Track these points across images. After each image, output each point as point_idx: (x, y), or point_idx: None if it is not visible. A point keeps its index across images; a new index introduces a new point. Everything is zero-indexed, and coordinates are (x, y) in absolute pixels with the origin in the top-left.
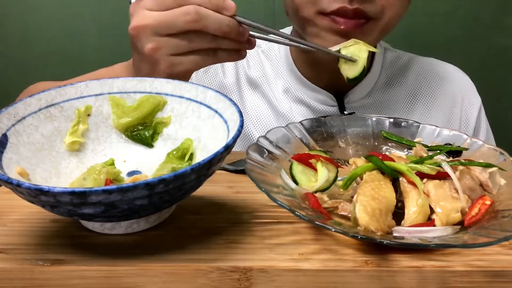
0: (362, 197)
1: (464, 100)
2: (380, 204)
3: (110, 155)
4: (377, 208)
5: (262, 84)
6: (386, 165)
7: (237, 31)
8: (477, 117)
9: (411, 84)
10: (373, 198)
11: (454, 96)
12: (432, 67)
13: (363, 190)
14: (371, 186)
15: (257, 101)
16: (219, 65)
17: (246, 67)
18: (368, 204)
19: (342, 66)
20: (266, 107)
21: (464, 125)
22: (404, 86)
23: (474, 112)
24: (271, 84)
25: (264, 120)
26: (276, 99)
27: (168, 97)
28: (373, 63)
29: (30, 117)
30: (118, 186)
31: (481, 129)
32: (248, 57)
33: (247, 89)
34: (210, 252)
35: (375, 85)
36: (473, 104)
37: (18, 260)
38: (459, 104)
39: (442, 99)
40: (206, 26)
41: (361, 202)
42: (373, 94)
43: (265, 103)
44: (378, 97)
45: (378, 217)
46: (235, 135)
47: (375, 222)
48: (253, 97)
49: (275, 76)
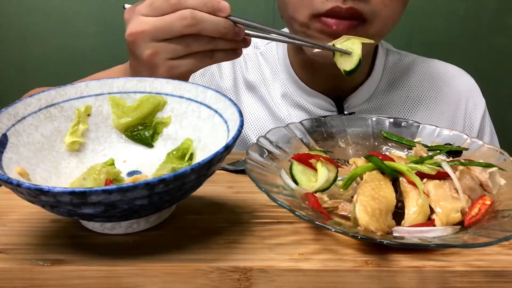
0: (362, 197)
1: (468, 103)
2: (380, 204)
3: (110, 155)
4: (377, 208)
5: (260, 88)
6: (386, 165)
7: (233, 31)
8: (481, 120)
9: (413, 87)
10: (373, 198)
11: (458, 100)
12: (436, 69)
13: (363, 190)
14: (371, 186)
15: (255, 105)
16: (216, 68)
17: (244, 69)
18: (368, 204)
19: (338, 60)
20: (263, 110)
21: (468, 129)
22: (406, 89)
23: (478, 116)
24: (269, 87)
25: (261, 124)
26: (274, 103)
27: (168, 97)
28: (374, 67)
29: (30, 117)
30: (118, 186)
31: (485, 132)
32: (247, 59)
33: (245, 92)
34: (210, 252)
35: (376, 89)
36: (477, 108)
37: (18, 260)
38: (463, 108)
39: (445, 104)
40: (203, 29)
41: (361, 202)
42: (374, 98)
43: (262, 107)
44: (379, 102)
45: (378, 217)
46: (235, 135)
47: (375, 222)
48: (250, 100)
49: (273, 79)
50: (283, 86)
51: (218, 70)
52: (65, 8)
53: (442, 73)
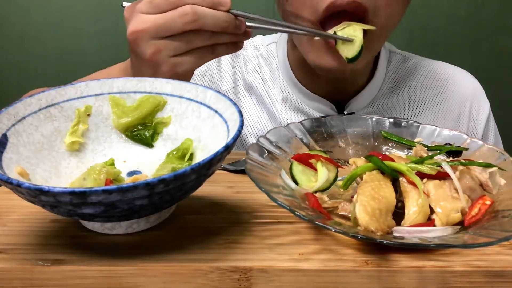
0: (362, 197)
1: (473, 106)
2: (380, 204)
3: (110, 155)
4: (377, 208)
5: (260, 90)
6: (386, 165)
7: (234, 24)
8: (485, 124)
9: (416, 90)
10: (373, 198)
11: (462, 103)
12: (439, 71)
13: (363, 190)
14: (371, 186)
15: (254, 107)
16: (216, 70)
17: (244, 71)
18: (368, 204)
19: (340, 48)
20: (263, 113)
21: (472, 133)
22: (409, 92)
23: (482, 119)
24: (270, 90)
25: (260, 126)
26: (274, 106)
27: (168, 97)
28: (376, 69)
29: (30, 117)
30: (118, 186)
31: (489, 136)
32: (247, 60)
33: (245, 94)
34: (210, 252)
35: (378, 93)
36: (481, 111)
37: (18, 260)
38: (467, 112)
39: (448, 107)
40: (204, 24)
41: (361, 202)
42: (375, 102)
43: (262, 109)
44: (381, 105)
45: (378, 217)
46: (235, 135)
47: (375, 222)
48: (250, 102)
49: (273, 82)
50: (283, 89)
51: (217, 72)
52: (65, 8)
53: (446, 75)
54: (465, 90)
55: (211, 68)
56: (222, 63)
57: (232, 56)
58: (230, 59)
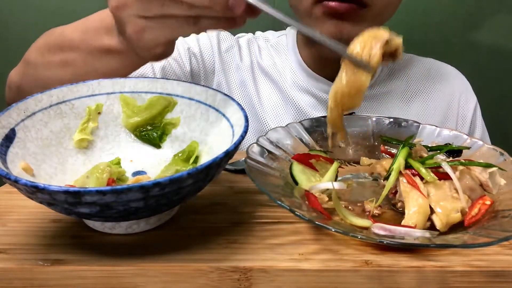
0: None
1: (461, 97)
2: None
3: (117, 154)
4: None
5: (273, 73)
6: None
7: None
8: (473, 113)
9: (412, 80)
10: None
11: (451, 93)
12: (431, 66)
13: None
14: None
15: (268, 87)
16: (237, 49)
17: (258, 56)
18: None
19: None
20: (276, 93)
21: (461, 120)
22: (406, 80)
23: (470, 108)
24: (281, 73)
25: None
26: (286, 87)
27: (178, 98)
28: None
29: (40, 113)
30: (112, 188)
31: (477, 126)
32: (260, 47)
33: (260, 75)
34: (210, 252)
35: (379, 76)
36: (469, 102)
37: (18, 260)
38: (456, 100)
39: (440, 94)
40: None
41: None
42: (376, 85)
43: (275, 90)
44: (380, 89)
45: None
46: (237, 141)
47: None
48: (265, 82)
49: (283, 66)
50: (294, 75)
51: (238, 52)
52: (65, 8)
53: (437, 69)
54: (454, 82)
55: (233, 47)
56: (240, 43)
57: (248, 41)
58: (246, 42)
